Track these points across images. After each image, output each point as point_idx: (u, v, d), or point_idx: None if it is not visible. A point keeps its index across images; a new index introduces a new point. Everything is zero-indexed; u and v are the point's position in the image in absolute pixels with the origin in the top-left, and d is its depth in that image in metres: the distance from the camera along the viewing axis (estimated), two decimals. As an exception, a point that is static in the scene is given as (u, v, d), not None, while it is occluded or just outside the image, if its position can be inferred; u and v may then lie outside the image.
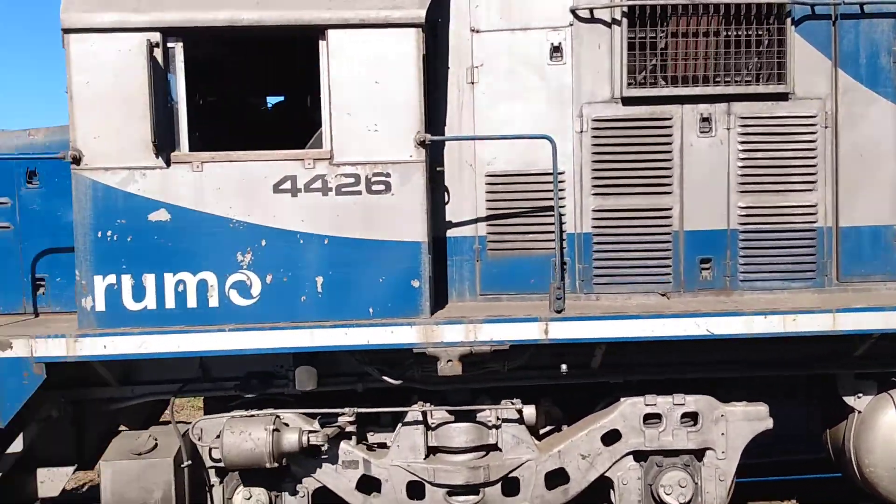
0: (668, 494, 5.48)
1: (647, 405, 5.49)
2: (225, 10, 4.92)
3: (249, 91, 6.82)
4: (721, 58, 5.39)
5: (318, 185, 4.98)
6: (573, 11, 5.41)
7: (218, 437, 5.30)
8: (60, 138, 5.35)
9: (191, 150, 5.01)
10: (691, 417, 5.52)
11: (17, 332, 5.01)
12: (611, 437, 5.55)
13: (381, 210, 5.00)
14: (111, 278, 4.96)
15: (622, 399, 5.55)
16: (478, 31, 5.47)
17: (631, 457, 5.59)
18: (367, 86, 4.97)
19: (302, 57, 5.23)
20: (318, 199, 4.98)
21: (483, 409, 5.51)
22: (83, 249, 4.96)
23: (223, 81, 6.61)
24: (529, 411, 5.56)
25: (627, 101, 5.43)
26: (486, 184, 5.50)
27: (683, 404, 5.50)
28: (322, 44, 4.96)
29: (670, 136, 5.46)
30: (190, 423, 5.51)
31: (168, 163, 4.94)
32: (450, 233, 5.57)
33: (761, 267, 5.53)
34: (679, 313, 5.09)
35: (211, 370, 5.56)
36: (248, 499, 5.46)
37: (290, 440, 5.25)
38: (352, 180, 4.99)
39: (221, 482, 5.56)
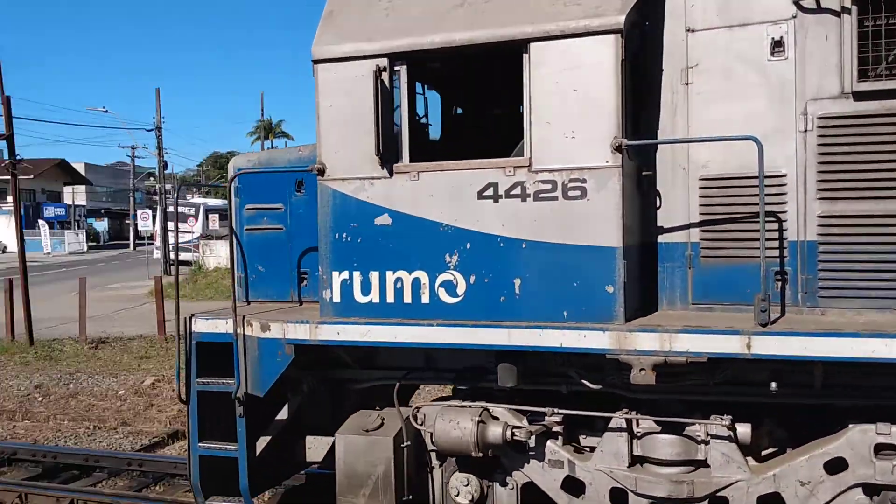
0: None
1: (878, 434, 4.90)
2: (440, 33, 5.40)
3: (471, 104, 7.28)
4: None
5: (517, 191, 5.24)
6: (797, 3, 5.02)
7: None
8: (319, 153, 6.25)
9: (411, 161, 5.57)
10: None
11: (276, 318, 5.96)
12: (835, 466, 5.04)
13: (577, 215, 5.11)
14: (345, 274, 5.70)
15: (850, 425, 5.02)
16: (693, 31, 5.32)
17: (860, 489, 5.02)
18: (565, 94, 5.12)
19: (510, 70, 5.51)
20: (517, 204, 5.24)
21: (692, 423, 5.33)
22: (324, 248, 5.76)
23: (455, 95, 7.16)
24: (744, 430, 5.25)
25: (860, 96, 4.90)
26: (700, 188, 5.33)
27: (914, 440, 4.82)
28: (525, 57, 5.21)
29: (912, 132, 4.81)
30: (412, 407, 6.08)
31: (391, 173, 5.55)
32: (661, 238, 5.49)
33: None
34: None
35: (436, 361, 6.08)
36: (462, 486, 5.89)
37: (495, 433, 5.57)
38: (549, 186, 5.17)
39: (441, 466, 6.05)
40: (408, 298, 5.53)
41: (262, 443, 6.64)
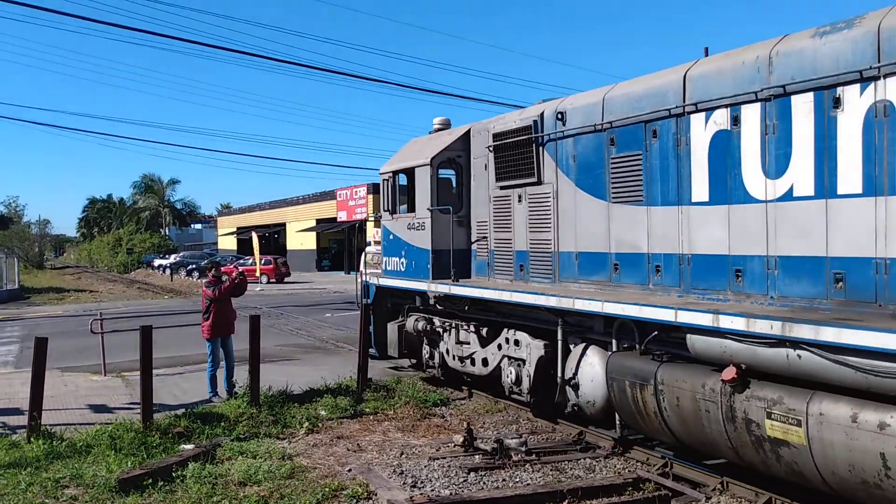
0: (509, 376, 11.28)
1: (504, 334, 11.42)
2: (402, 163, 13.64)
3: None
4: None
5: (413, 225, 13.13)
6: (488, 147, 11.84)
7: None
8: (402, 207, 14.83)
9: (400, 213, 13.83)
10: (518, 342, 11.09)
11: (374, 275, 14.83)
12: (499, 347, 11.64)
13: (421, 235, 12.79)
14: (386, 258, 14.27)
15: (504, 329, 11.57)
16: (474, 157, 12.43)
17: (506, 359, 11.51)
18: (420, 188, 12.85)
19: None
20: (413, 231, 13.13)
21: (467, 327, 12.39)
22: (382, 247, 14.41)
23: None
24: (485, 330, 12.12)
25: (501, 188, 11.55)
26: (476, 226, 12.40)
27: (515, 334, 11.21)
28: (414, 173, 13.09)
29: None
30: (413, 315, 14.19)
31: (393, 217, 13.93)
32: (473, 247, 12.66)
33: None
34: (488, 286, 11.17)
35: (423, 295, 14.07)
36: (425, 349, 13.83)
37: (418, 325, 13.45)
38: (418, 223, 12.95)
39: (425, 342, 14.00)
40: (398, 268, 13.84)
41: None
